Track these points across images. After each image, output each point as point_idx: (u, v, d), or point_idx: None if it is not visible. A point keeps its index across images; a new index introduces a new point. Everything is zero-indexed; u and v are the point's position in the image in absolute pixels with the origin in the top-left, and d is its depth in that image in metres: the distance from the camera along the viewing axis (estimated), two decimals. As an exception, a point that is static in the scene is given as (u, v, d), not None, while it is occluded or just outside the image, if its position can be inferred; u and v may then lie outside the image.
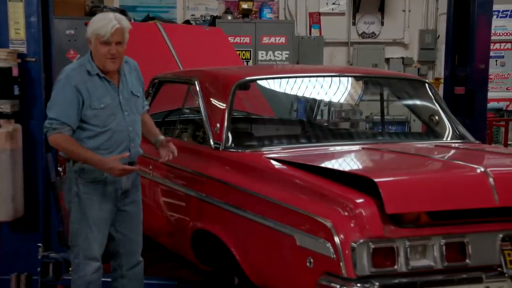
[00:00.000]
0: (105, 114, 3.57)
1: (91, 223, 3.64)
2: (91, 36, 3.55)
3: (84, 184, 3.62)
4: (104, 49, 3.53)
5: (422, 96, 4.44)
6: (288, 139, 4.09)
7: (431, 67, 12.34)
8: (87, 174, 3.60)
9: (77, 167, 3.60)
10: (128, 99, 3.68)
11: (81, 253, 3.66)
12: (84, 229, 3.64)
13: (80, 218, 3.64)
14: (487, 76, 5.40)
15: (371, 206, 2.78)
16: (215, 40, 7.00)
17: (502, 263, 2.93)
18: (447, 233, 2.86)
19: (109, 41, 3.51)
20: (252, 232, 3.34)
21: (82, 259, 3.66)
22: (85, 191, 3.62)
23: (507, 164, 3.55)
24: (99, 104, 3.56)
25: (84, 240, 3.65)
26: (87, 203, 3.63)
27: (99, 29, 3.52)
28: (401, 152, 3.70)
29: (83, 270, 3.66)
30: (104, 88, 3.60)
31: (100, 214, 3.66)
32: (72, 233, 3.71)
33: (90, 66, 3.59)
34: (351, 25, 12.25)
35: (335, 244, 2.75)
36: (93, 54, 3.59)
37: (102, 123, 3.57)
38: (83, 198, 3.62)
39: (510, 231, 2.97)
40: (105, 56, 3.54)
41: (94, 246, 3.66)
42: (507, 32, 11.14)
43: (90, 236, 3.65)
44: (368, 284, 2.70)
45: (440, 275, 2.82)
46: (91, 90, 3.55)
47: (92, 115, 3.55)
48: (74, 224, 3.68)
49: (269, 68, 6.88)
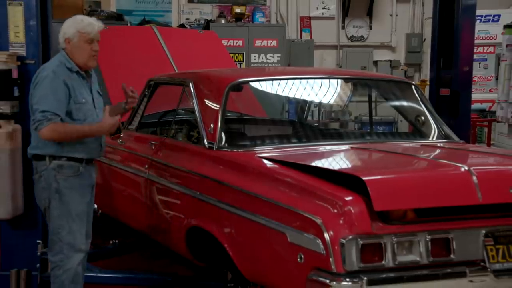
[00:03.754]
0: (85, 108, 3.70)
1: (74, 216, 3.67)
2: (73, 36, 3.68)
3: (65, 179, 3.66)
4: (88, 46, 3.67)
5: (409, 98, 4.45)
6: (280, 139, 4.09)
7: (418, 69, 12.38)
8: (66, 170, 3.66)
9: (54, 164, 3.66)
10: (97, 97, 3.86)
11: (65, 247, 3.67)
12: (67, 223, 3.67)
13: (63, 212, 3.67)
14: (471, 78, 5.42)
15: (360, 203, 2.79)
16: (209, 43, 7.00)
17: (485, 258, 2.94)
18: (432, 229, 2.86)
19: (93, 38, 3.68)
20: (245, 229, 3.34)
21: (67, 253, 3.67)
22: (65, 185, 3.66)
23: (490, 163, 3.56)
24: (81, 99, 3.68)
25: (68, 233, 3.67)
26: (69, 197, 3.66)
27: (83, 28, 3.68)
28: (388, 152, 3.70)
29: (68, 263, 3.67)
30: (82, 84, 3.74)
31: (81, 207, 3.72)
32: (54, 231, 3.71)
33: (69, 64, 3.69)
34: (340, 29, 12.27)
35: (325, 241, 2.76)
36: (74, 53, 3.70)
37: (83, 117, 3.68)
38: (64, 192, 3.66)
39: (493, 227, 2.98)
40: (89, 53, 3.68)
41: (79, 237, 3.70)
42: (490, 36, 11.17)
43: (75, 228, 3.67)
44: (357, 279, 2.70)
45: (425, 270, 2.83)
46: (74, 85, 3.67)
47: (76, 108, 3.65)
48: (56, 221, 3.69)
49: (261, 70, 6.88)
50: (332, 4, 12.18)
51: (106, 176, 4.99)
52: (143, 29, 7.70)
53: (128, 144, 4.77)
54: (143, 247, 5.25)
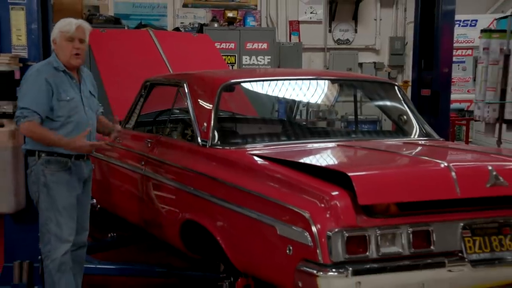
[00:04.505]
0: (70, 106, 3.66)
1: (60, 209, 3.66)
2: (56, 36, 3.69)
3: (52, 173, 3.65)
4: (69, 45, 3.66)
5: (392, 98, 4.46)
6: (270, 137, 4.09)
7: (400, 71, 12.41)
8: (53, 165, 3.65)
9: (43, 159, 3.65)
10: (88, 97, 3.81)
11: (52, 238, 3.67)
12: (54, 215, 3.66)
13: (50, 205, 3.66)
14: (450, 79, 5.43)
15: (345, 198, 2.79)
16: (203, 46, 6.99)
17: (463, 249, 2.96)
18: (414, 222, 2.87)
19: (73, 36, 3.65)
20: (237, 223, 3.34)
21: (54, 244, 3.67)
22: (52, 180, 3.65)
23: (467, 159, 3.58)
24: (66, 97, 3.65)
25: (55, 225, 3.67)
26: (56, 191, 3.66)
27: (63, 27, 3.67)
28: (372, 149, 3.71)
29: (54, 254, 3.67)
30: (69, 83, 3.70)
31: (68, 200, 3.70)
32: (43, 223, 3.71)
33: (56, 63, 3.69)
34: (327, 32, 12.28)
35: (313, 233, 2.76)
36: (59, 53, 3.69)
37: (67, 114, 3.65)
38: (52, 186, 3.65)
39: (470, 220, 3.00)
40: (70, 52, 3.66)
41: (65, 228, 3.69)
42: (468, 39, 11.22)
43: (61, 220, 3.67)
44: (342, 269, 2.71)
45: (407, 261, 2.84)
46: (58, 83, 3.64)
47: (59, 106, 3.62)
48: (44, 213, 3.69)
49: (252, 72, 6.87)
50: (319, 9, 12.19)
51: (104, 172, 4.98)
52: (139, 32, 7.68)
53: (125, 142, 4.76)
54: (139, 240, 5.24)
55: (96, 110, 4.00)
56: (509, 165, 3.15)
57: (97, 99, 4.02)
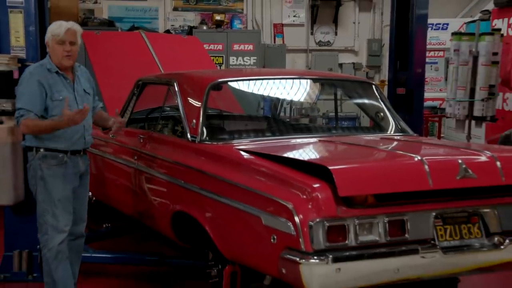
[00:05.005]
0: (64, 105, 3.59)
1: (56, 201, 3.65)
2: (49, 39, 3.66)
3: (48, 167, 3.64)
4: (60, 47, 3.63)
5: (370, 96, 4.47)
6: (255, 133, 4.08)
7: (377, 71, 12.44)
8: (49, 159, 3.64)
9: (40, 154, 3.64)
10: (82, 95, 3.77)
11: (49, 228, 3.66)
12: (51, 207, 3.65)
13: (47, 198, 3.65)
14: (423, 79, 5.46)
15: (326, 190, 2.80)
16: (192, 47, 6.96)
17: (435, 237, 2.98)
18: (389, 212, 2.89)
19: (63, 39, 3.62)
20: (224, 214, 3.34)
21: (50, 234, 3.66)
22: (49, 174, 3.64)
23: (439, 154, 3.59)
24: (59, 96, 3.62)
25: (52, 216, 3.65)
26: (52, 184, 3.64)
27: (54, 30, 3.65)
28: (352, 144, 3.72)
29: (51, 243, 3.66)
30: (62, 83, 3.68)
31: (64, 193, 3.68)
32: (40, 214, 3.70)
33: (49, 65, 3.66)
34: (309, 34, 12.28)
35: (295, 223, 2.77)
36: (51, 55, 3.67)
37: (61, 113, 3.57)
38: (48, 180, 3.64)
39: (442, 210, 3.02)
40: (61, 53, 3.63)
41: (61, 219, 3.67)
42: (440, 42, 11.29)
43: (57, 212, 3.65)
44: (323, 256, 2.72)
45: (383, 248, 2.85)
46: (51, 84, 3.62)
47: (53, 106, 3.61)
48: (41, 205, 3.68)
49: (239, 72, 6.86)
50: (302, 12, 12.18)
51: (99, 166, 4.95)
52: (132, 34, 7.63)
53: (119, 138, 4.73)
54: (133, 230, 5.23)
55: (96, 106, 3.99)
56: (478, 159, 3.17)
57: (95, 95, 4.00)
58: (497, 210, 3.12)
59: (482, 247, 3.05)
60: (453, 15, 12.08)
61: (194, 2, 11.87)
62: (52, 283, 3.68)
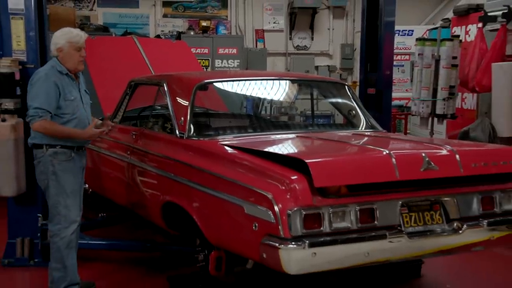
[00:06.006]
0: (74, 104, 3.63)
1: (68, 193, 3.63)
2: (64, 46, 3.63)
3: (59, 163, 3.61)
4: (77, 53, 3.64)
5: (343, 96, 4.47)
6: (239, 129, 4.08)
7: (350, 72, 12.49)
8: (60, 156, 3.61)
9: (51, 151, 3.60)
10: (84, 95, 3.78)
11: (62, 219, 3.63)
12: (63, 199, 3.62)
13: (59, 191, 3.61)
14: (391, 80, 5.46)
15: (303, 181, 2.80)
16: (180, 51, 6.92)
17: (401, 223, 3.00)
18: (360, 201, 2.90)
19: (81, 47, 3.64)
20: (210, 204, 3.33)
21: (63, 224, 3.63)
22: (60, 168, 3.61)
23: (405, 148, 3.61)
24: (70, 97, 3.61)
25: (64, 207, 3.62)
26: (64, 178, 3.61)
27: (72, 38, 3.64)
28: (326, 139, 3.72)
29: (64, 233, 3.63)
30: (71, 84, 3.66)
31: (74, 185, 3.67)
32: (52, 206, 3.66)
33: (60, 67, 3.63)
34: (288, 39, 12.28)
35: (275, 212, 2.77)
36: (65, 59, 3.64)
37: (72, 112, 3.62)
38: (60, 174, 3.61)
39: (407, 199, 3.04)
40: (78, 59, 3.65)
41: (73, 210, 3.66)
42: (406, 47, 11.34)
43: (69, 203, 3.63)
44: (300, 242, 2.72)
45: (355, 234, 2.87)
46: (64, 85, 3.60)
47: (65, 105, 3.59)
48: (54, 197, 3.64)
49: (223, 73, 6.84)
50: (281, 19, 12.18)
51: (95, 161, 4.91)
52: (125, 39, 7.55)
53: (113, 135, 4.69)
54: (126, 219, 5.20)
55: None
56: (439, 152, 3.18)
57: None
58: (456, 199, 3.15)
59: (443, 232, 3.08)
60: (417, 23, 12.16)
61: (182, 9, 11.82)
62: (63, 268, 3.66)
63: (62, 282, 3.67)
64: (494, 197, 3.22)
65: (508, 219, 3.24)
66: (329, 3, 12.17)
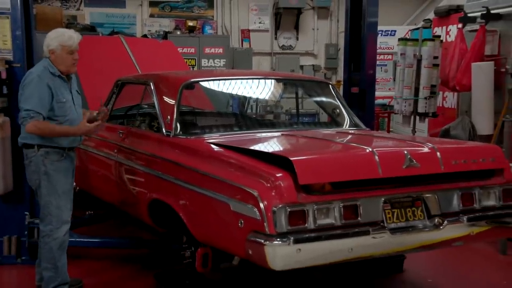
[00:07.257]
0: (66, 106, 3.58)
1: (60, 193, 3.58)
2: (57, 48, 3.56)
3: (51, 163, 3.56)
4: (70, 56, 3.57)
5: (327, 94, 4.49)
6: (225, 127, 4.07)
7: (334, 72, 12.53)
8: (52, 155, 3.56)
9: (42, 151, 3.55)
10: (76, 96, 3.73)
11: (54, 219, 3.58)
12: (55, 199, 3.56)
13: (51, 191, 3.56)
14: (374, 79, 5.49)
15: (288, 179, 2.80)
16: (167, 50, 6.89)
17: (384, 219, 3.01)
18: (344, 198, 2.90)
19: (73, 50, 3.58)
20: (196, 201, 3.32)
21: (55, 225, 3.58)
22: (52, 168, 3.56)
23: (388, 145, 3.63)
24: (62, 99, 3.56)
25: (56, 208, 3.57)
26: (55, 177, 3.56)
27: (65, 42, 3.56)
28: (311, 137, 3.73)
29: (57, 233, 3.58)
30: (63, 86, 3.61)
31: (66, 185, 3.62)
32: (44, 206, 3.60)
33: (52, 69, 3.57)
34: (273, 39, 12.28)
35: (260, 209, 2.77)
36: (57, 61, 3.57)
37: (64, 113, 3.57)
38: (52, 174, 3.55)
39: (390, 195, 3.05)
40: (71, 62, 3.59)
41: (64, 210, 3.61)
42: (388, 46, 11.41)
43: (61, 203, 3.58)
44: (285, 238, 2.72)
45: (339, 230, 2.87)
46: (56, 87, 3.55)
47: (58, 107, 3.54)
48: (45, 197, 3.58)
49: (209, 72, 6.81)
50: (266, 19, 12.18)
51: (83, 159, 4.86)
52: (112, 39, 7.49)
53: (100, 133, 4.63)
54: (114, 217, 5.17)
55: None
56: (421, 150, 3.21)
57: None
58: (437, 195, 3.17)
59: (425, 227, 3.10)
60: (399, 23, 12.23)
61: (169, 9, 11.76)
62: (54, 268, 3.62)
63: (52, 282, 3.63)
64: (474, 194, 3.25)
65: (487, 215, 3.27)
66: (314, 3, 12.20)
